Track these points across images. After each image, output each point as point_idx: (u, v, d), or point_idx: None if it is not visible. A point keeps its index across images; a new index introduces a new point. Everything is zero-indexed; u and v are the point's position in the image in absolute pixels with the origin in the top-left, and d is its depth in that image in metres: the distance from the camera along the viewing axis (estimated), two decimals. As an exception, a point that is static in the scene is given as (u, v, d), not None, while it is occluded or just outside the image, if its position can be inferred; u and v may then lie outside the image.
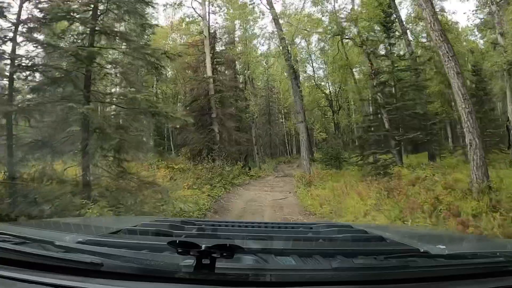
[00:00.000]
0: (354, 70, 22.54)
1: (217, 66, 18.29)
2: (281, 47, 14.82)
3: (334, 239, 1.47)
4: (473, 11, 19.99)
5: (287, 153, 34.59)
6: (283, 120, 35.81)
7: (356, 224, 2.38)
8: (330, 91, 30.17)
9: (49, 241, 1.06)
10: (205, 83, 16.58)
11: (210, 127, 15.72)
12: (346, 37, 15.89)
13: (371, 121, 14.17)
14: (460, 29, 22.54)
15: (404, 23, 16.58)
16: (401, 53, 16.31)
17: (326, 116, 29.58)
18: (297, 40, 25.51)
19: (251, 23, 25.35)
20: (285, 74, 31.10)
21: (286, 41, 14.03)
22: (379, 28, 15.62)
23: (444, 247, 1.24)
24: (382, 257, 1.00)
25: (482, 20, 19.30)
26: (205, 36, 17.53)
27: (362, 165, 14.07)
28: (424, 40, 19.80)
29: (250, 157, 22.08)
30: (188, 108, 17.18)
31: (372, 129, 13.66)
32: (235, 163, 17.39)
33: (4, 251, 0.95)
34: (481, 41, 23.10)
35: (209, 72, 16.74)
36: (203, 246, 0.85)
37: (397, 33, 15.28)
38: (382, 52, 15.85)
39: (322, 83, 30.21)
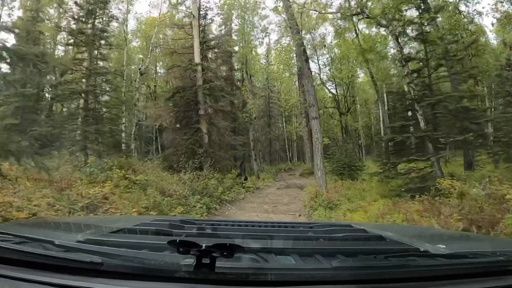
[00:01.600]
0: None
1: (207, 52, 15.08)
2: (285, 16, 11.54)
3: (334, 239, 1.44)
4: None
5: (288, 159, 31.51)
6: (284, 124, 32.79)
7: (356, 223, 2.21)
8: (337, 91, 27.14)
9: (49, 241, 1.05)
10: (191, 71, 13.36)
11: (196, 125, 12.45)
12: (366, 16, 12.74)
13: (404, 118, 10.95)
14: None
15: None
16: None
17: (332, 118, 26.38)
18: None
19: (248, 12, 22.63)
20: (287, 74, 28.35)
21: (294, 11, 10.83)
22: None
23: (444, 246, 1.22)
24: (382, 257, 1.00)
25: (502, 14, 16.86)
26: (194, 16, 14.39)
27: (391, 176, 10.87)
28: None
29: (247, 164, 18.90)
30: (169, 102, 13.80)
31: (411, 129, 10.45)
32: (229, 171, 14.21)
33: (4, 250, 0.94)
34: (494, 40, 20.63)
35: (197, 59, 13.54)
36: (203, 246, 0.84)
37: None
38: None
39: (328, 84, 27.30)
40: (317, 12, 16.71)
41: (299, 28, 9.51)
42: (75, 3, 10.33)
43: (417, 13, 12.17)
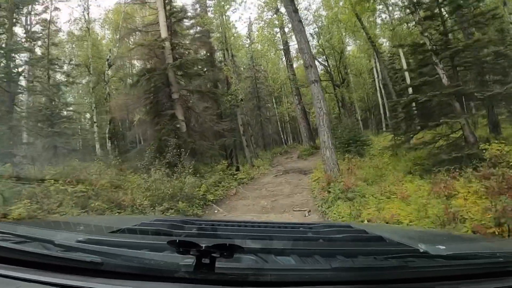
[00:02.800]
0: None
1: (177, 26, 12.73)
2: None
3: (334, 239, 1.41)
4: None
5: (283, 142, 29.52)
6: (274, 105, 30.59)
7: (356, 224, 2.24)
8: (328, 63, 25.01)
9: (49, 240, 1.03)
10: (159, 49, 11.07)
11: (169, 111, 10.24)
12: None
13: (425, 74, 8.87)
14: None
15: None
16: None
17: (327, 92, 24.28)
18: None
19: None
20: (272, 51, 25.97)
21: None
22: None
23: (443, 247, 1.19)
24: (382, 257, 0.98)
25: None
26: (155, -16, 12.01)
27: (415, 147, 8.90)
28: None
29: (239, 151, 16.86)
30: (135, 89, 11.51)
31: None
32: (218, 163, 12.17)
33: (4, 250, 0.92)
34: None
35: (163, 33, 11.25)
36: (203, 246, 0.82)
37: None
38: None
39: (318, 56, 25.13)
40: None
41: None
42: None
43: None
